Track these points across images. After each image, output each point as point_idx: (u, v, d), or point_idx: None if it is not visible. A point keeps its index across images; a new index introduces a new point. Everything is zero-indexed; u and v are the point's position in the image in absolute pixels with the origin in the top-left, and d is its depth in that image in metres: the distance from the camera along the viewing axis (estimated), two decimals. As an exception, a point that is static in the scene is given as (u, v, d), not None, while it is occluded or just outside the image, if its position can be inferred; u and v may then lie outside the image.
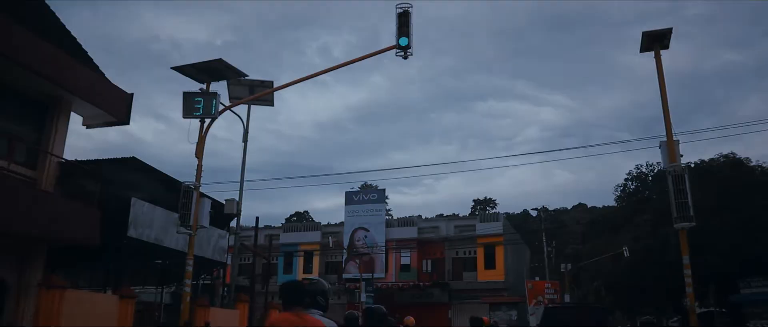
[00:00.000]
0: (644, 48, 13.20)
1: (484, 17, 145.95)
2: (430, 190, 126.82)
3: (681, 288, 12.71)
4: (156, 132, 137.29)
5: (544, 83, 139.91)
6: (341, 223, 51.53)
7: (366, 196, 50.70)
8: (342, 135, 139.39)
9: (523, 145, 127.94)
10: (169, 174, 17.93)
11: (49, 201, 14.46)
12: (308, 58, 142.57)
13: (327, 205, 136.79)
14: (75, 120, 17.57)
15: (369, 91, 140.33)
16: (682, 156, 12.22)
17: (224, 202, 18.64)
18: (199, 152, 14.82)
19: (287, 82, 16.30)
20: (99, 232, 15.37)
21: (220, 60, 14.82)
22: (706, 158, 49.22)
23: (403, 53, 14.07)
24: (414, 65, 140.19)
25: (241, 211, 18.77)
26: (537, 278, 49.36)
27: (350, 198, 50.78)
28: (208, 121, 15.10)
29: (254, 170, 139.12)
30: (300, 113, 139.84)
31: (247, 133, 19.14)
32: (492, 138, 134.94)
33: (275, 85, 18.59)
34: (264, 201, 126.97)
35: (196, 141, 14.95)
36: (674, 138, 12.39)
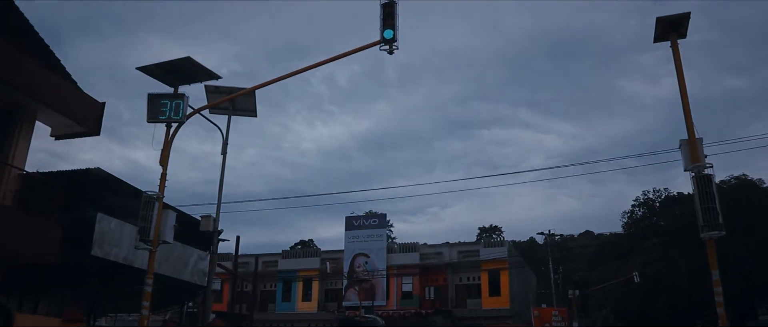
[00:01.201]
0: (658, 37, 11.56)
1: (488, 45, 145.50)
2: (435, 219, 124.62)
3: (694, 313, 10.97)
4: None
5: (548, 111, 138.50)
6: (342, 250, 49.59)
7: (367, 221, 48.82)
8: (347, 163, 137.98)
9: (530, 171, 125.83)
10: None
11: (5, 216, 12.90)
12: (314, 87, 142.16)
13: (333, 234, 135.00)
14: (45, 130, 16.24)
15: (374, 120, 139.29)
16: (706, 157, 10.42)
17: (200, 219, 16.91)
18: (164, 160, 13.20)
19: (268, 80, 14.64)
20: (59, 251, 13.72)
21: (189, 58, 13.30)
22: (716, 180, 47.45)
23: (388, 47, 12.52)
24: (419, 93, 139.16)
25: (218, 228, 17.00)
26: (544, 305, 47.05)
27: (350, 223, 48.92)
28: (175, 126, 13.47)
29: (259, 198, 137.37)
30: (306, 141, 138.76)
31: (226, 145, 17.50)
32: (497, 166, 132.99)
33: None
34: (269, 229, 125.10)
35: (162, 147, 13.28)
36: (696, 136, 10.63)
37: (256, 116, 18.54)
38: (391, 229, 75.65)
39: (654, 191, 68.63)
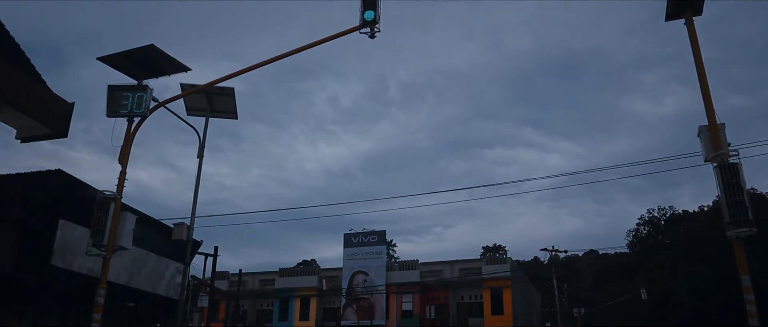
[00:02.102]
0: (671, 15, 10.16)
1: (490, 65, 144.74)
2: (439, 239, 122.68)
3: None
4: (165, 180, 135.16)
5: (551, 130, 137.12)
6: (341, 268, 47.89)
7: (365, 238, 47.18)
8: (351, 183, 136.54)
9: (532, 191, 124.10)
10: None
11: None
12: (317, 107, 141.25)
13: (336, 254, 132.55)
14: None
15: (377, 140, 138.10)
16: (730, 145, 8.96)
17: (173, 227, 15.46)
18: (124, 157, 11.82)
19: (243, 68, 13.30)
20: (15, 260, 12.33)
21: (152, 46, 12.00)
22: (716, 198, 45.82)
23: (369, 31, 11.20)
24: (422, 113, 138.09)
25: (192, 238, 15.51)
26: (548, 324, 45.14)
27: (349, 240, 47.32)
28: (137, 120, 12.13)
29: (262, 218, 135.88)
30: (309, 162, 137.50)
31: (204, 148, 16.09)
32: (500, 186, 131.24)
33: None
34: (272, 250, 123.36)
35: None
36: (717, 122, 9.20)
37: (236, 118, 17.15)
38: (394, 248, 73.95)
39: (659, 209, 67.23)
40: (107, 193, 11.31)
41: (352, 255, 46.70)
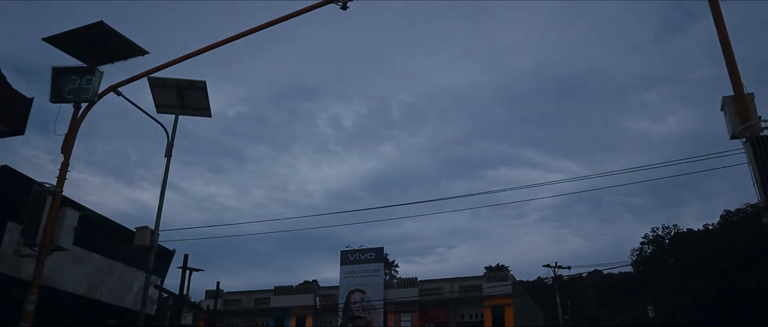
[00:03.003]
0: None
1: (492, 85, 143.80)
2: (441, 259, 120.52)
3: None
4: (168, 201, 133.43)
5: (553, 150, 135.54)
6: (338, 286, 46.06)
7: (363, 255, 45.44)
8: (353, 204, 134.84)
9: (535, 211, 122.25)
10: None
11: None
12: (320, 128, 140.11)
13: (337, 274, 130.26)
14: None
15: (379, 161, 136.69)
16: (761, 118, 7.45)
17: (135, 231, 13.89)
18: (67, 147, 10.36)
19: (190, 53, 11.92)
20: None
21: (101, 24, 10.61)
22: (732, 209, 44.20)
23: (341, 3, 9.74)
24: (424, 134, 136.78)
25: (157, 243, 13.93)
26: (552, 344, 43.15)
27: (346, 258, 45.59)
28: (84, 106, 10.70)
29: (263, 239, 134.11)
30: (311, 182, 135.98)
31: (172, 146, 14.61)
32: (503, 205, 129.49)
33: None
34: (273, 271, 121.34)
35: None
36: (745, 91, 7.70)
37: (209, 116, 15.66)
38: (396, 269, 72.08)
39: (663, 228, 65.61)
40: (46, 185, 9.82)
41: (349, 273, 44.96)
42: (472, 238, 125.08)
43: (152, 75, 14.36)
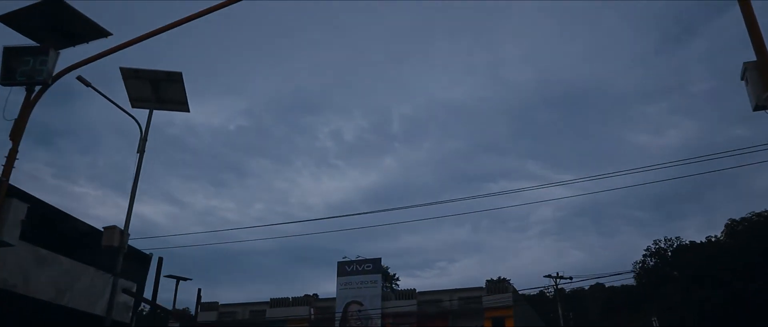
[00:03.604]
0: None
1: (493, 98, 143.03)
2: (443, 273, 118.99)
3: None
4: (169, 215, 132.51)
5: (555, 163, 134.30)
6: (334, 298, 44.81)
7: (360, 266, 44.24)
8: (354, 217, 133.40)
9: (537, 225, 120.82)
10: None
11: None
12: (321, 142, 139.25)
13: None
14: None
15: (380, 174, 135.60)
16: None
17: (102, 230, 12.84)
18: (18, 132, 9.35)
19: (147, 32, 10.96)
20: None
21: (58, 1, 9.60)
22: (737, 217, 43.11)
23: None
24: (425, 147, 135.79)
25: (127, 244, 12.86)
26: (554, 357, 41.78)
27: (343, 269, 44.40)
28: (37, 89, 9.71)
29: (265, 253, 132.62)
30: (312, 196, 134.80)
31: (145, 141, 13.61)
32: (505, 219, 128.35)
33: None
34: (275, 284, 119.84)
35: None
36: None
37: (187, 110, 14.64)
38: (397, 283, 70.73)
39: (665, 240, 64.62)
40: (-12, 174, 8.81)
41: (347, 284, 43.75)
42: (474, 251, 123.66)
43: (125, 67, 13.51)
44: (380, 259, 44.51)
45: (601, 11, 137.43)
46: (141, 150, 13.69)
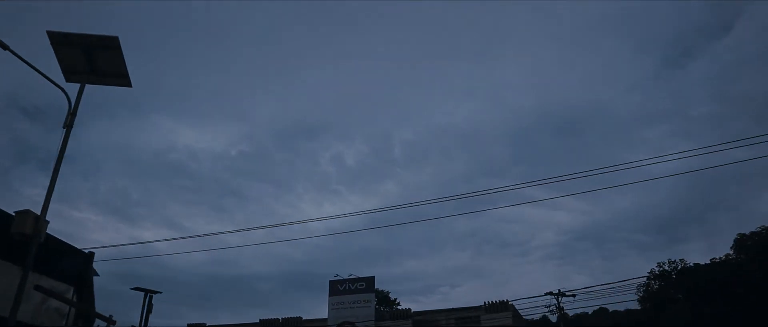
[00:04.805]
0: None
1: (494, 123, 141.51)
2: (446, 298, 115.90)
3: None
4: (170, 240, 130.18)
5: (556, 187, 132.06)
6: (326, 319, 42.29)
7: (353, 285, 41.84)
8: (355, 242, 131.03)
9: (539, 249, 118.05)
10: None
11: None
12: (322, 167, 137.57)
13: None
14: None
15: (382, 199, 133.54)
16: None
17: (13, 214, 10.79)
18: None
19: None
20: None
21: None
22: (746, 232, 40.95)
23: None
24: (426, 172, 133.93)
25: (45, 232, 10.80)
26: (556, 381, 39.05)
27: (335, 288, 42.02)
28: None
29: (266, 278, 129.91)
30: (314, 222, 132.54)
31: (74, 116, 11.65)
32: (507, 243, 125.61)
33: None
34: (276, 310, 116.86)
35: None
36: None
37: (129, 85, 12.73)
38: (398, 307, 68.15)
39: (669, 263, 63.17)
40: None
41: (339, 304, 41.32)
42: (476, 276, 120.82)
43: (53, 31, 11.69)
44: (373, 277, 42.11)
45: (601, 36, 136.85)
46: (68, 125, 11.72)
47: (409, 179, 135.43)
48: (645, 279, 62.01)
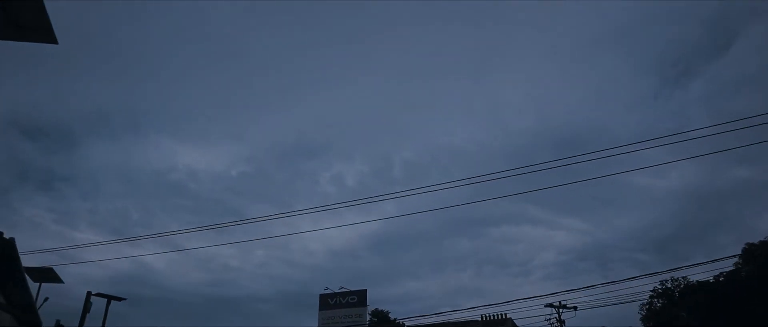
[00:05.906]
0: None
1: (493, 142, 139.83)
2: (447, 318, 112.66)
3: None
4: (169, 260, 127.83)
5: (556, 207, 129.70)
6: (318, 335, 40.10)
7: (344, 299, 39.69)
8: (355, 263, 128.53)
9: (540, 269, 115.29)
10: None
11: None
12: (322, 187, 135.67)
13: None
14: None
15: (382, 220, 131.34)
16: None
17: None
18: None
19: None
20: None
21: None
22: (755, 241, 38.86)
23: None
24: (426, 192, 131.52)
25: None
26: (558, 399, 36.67)
27: (325, 302, 39.87)
28: None
29: (265, 300, 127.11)
30: (313, 241, 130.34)
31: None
32: (507, 264, 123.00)
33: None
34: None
35: None
36: None
37: (55, 42, 10.94)
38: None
39: (672, 280, 60.99)
40: None
41: (329, 319, 39.13)
42: (476, 296, 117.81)
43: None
44: (365, 290, 39.97)
45: (601, 55, 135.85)
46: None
47: (410, 199, 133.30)
48: (647, 298, 59.80)
